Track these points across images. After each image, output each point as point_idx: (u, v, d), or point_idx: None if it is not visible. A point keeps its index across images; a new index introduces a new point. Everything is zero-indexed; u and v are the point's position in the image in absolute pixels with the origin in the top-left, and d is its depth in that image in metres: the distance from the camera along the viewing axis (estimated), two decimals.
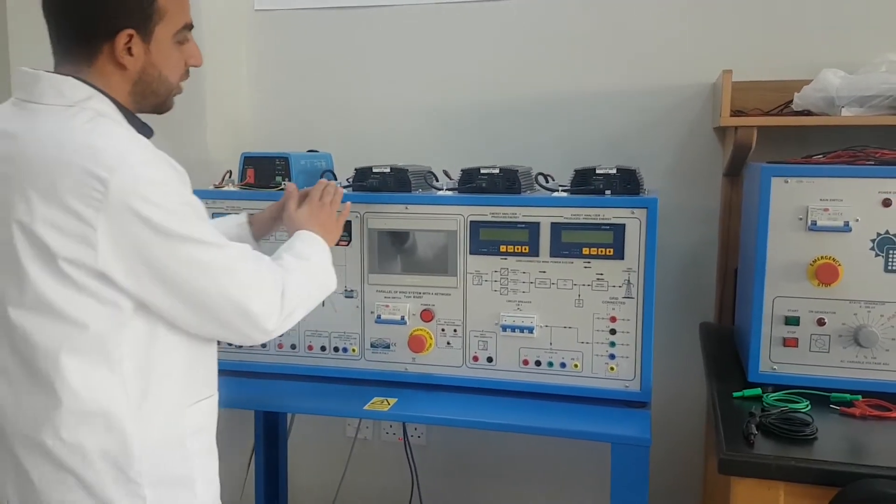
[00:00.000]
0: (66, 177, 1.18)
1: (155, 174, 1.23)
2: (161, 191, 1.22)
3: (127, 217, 1.19)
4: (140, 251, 1.21)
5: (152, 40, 1.32)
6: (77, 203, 1.18)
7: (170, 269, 1.23)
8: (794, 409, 1.54)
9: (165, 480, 1.30)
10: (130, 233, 1.20)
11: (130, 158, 1.21)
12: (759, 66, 2.13)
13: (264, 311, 1.32)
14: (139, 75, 1.33)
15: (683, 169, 2.30)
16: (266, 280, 1.34)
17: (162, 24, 1.32)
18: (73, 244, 1.19)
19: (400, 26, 2.44)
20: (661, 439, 2.26)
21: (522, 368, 1.83)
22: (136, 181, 1.19)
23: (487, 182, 1.83)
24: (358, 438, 2.58)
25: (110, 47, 1.29)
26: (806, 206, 1.62)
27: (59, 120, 1.25)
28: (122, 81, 1.32)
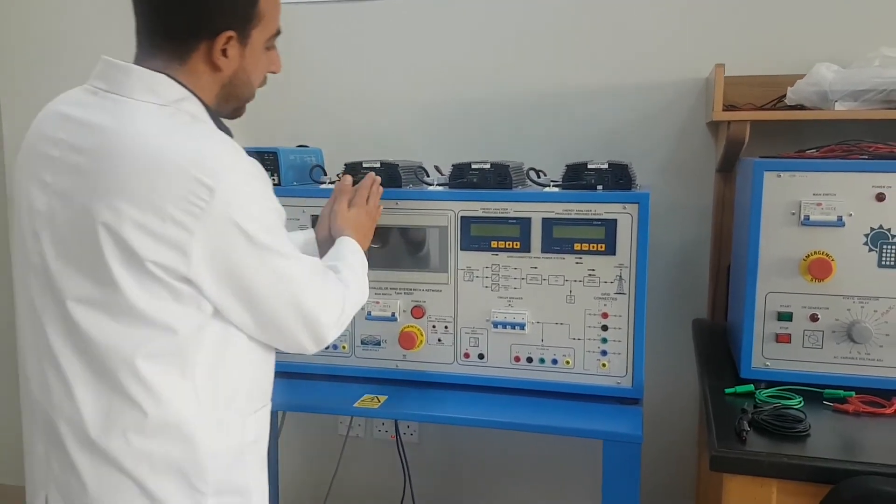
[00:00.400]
0: (167, 181, 1.14)
1: (256, 185, 1.22)
2: (260, 202, 1.22)
3: (226, 226, 1.16)
4: (230, 260, 1.19)
5: (248, 44, 1.30)
6: (175, 209, 1.14)
7: (254, 278, 1.22)
8: (786, 405, 1.53)
9: (227, 490, 1.27)
10: (226, 242, 1.18)
11: (236, 167, 1.19)
12: (753, 61, 2.11)
13: (329, 325, 1.34)
14: (230, 78, 1.30)
15: (676, 165, 2.29)
16: (333, 295, 1.36)
17: (259, 27, 1.30)
18: (164, 249, 1.15)
19: (391, 20, 2.42)
20: (655, 436, 2.26)
21: (514, 365, 1.82)
22: (240, 191, 1.18)
23: (478, 177, 1.82)
24: (350, 436, 2.56)
25: (207, 47, 1.26)
26: (799, 201, 1.61)
27: (157, 119, 1.20)
28: (211, 83, 1.29)
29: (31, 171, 1.25)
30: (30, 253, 1.24)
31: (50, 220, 1.21)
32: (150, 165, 1.15)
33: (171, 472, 1.21)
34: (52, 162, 1.21)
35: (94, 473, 1.20)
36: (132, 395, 1.18)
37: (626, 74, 2.28)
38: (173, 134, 1.19)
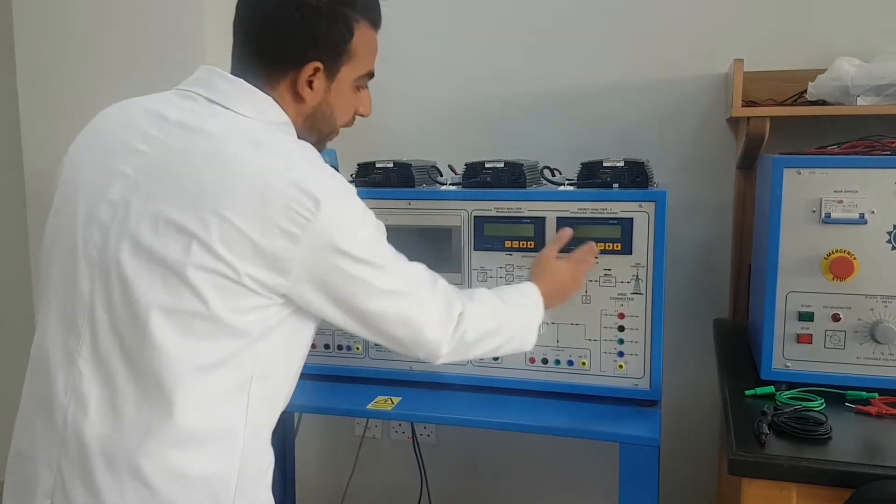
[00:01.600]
0: (277, 193, 1.12)
1: (356, 203, 1.23)
2: (357, 220, 1.22)
3: (327, 240, 1.16)
4: (331, 273, 1.19)
5: (335, 79, 1.31)
6: (284, 221, 1.12)
7: (354, 291, 1.22)
8: (807, 407, 1.50)
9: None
10: (326, 256, 1.17)
11: (339, 185, 1.20)
12: (773, 56, 2.08)
13: (436, 337, 1.32)
14: (313, 110, 1.31)
15: (696, 162, 2.25)
16: (439, 305, 1.34)
17: (349, 65, 1.32)
18: (263, 262, 1.13)
19: (404, 19, 2.41)
20: (674, 439, 2.23)
21: (529, 366, 1.79)
22: (341, 208, 1.18)
23: (492, 176, 1.80)
24: (367, 437, 2.55)
25: (294, 76, 1.27)
26: (820, 199, 1.57)
27: (267, 135, 1.20)
28: (296, 113, 1.30)
29: (103, 158, 1.21)
30: (83, 243, 1.17)
31: (123, 214, 1.15)
32: (258, 177, 1.13)
33: (203, 493, 1.15)
34: (138, 156, 1.18)
35: (116, 491, 1.11)
36: (180, 409, 1.12)
37: (643, 70, 2.25)
38: (281, 149, 1.19)
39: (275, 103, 1.26)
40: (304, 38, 1.26)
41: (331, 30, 1.28)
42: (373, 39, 1.37)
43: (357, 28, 1.31)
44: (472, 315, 1.37)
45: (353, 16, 1.31)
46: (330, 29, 1.28)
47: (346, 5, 1.29)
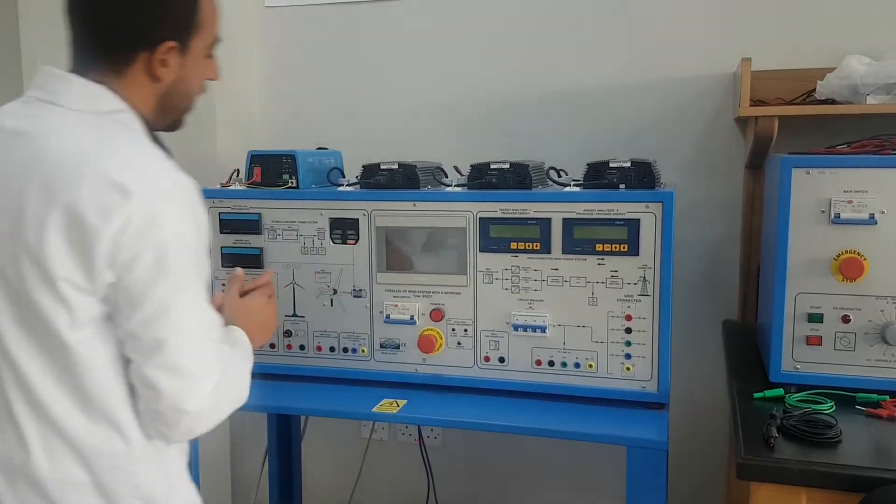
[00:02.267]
0: (87, 184, 1.10)
1: (176, 204, 1.15)
2: (177, 221, 1.15)
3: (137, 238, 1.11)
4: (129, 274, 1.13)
5: (188, 53, 1.27)
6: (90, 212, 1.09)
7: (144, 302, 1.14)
8: (817, 410, 1.48)
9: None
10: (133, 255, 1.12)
11: (159, 180, 1.15)
12: (782, 55, 2.06)
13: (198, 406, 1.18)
14: (168, 89, 1.27)
15: (704, 161, 2.23)
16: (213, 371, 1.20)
17: (199, 36, 1.28)
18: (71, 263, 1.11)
19: (410, 20, 2.40)
20: (683, 442, 2.21)
21: (535, 369, 1.78)
22: (158, 205, 1.12)
23: (497, 177, 1.78)
24: (373, 439, 2.54)
25: (147, 58, 1.23)
26: (829, 199, 1.55)
27: (87, 128, 1.18)
28: (149, 95, 1.26)
29: None
30: None
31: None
32: (69, 171, 1.11)
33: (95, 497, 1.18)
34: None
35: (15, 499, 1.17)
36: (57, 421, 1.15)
37: (650, 70, 2.23)
38: (101, 141, 1.16)
39: (107, 92, 1.21)
40: (151, 20, 1.22)
41: (178, 6, 1.25)
42: (214, 3, 1.32)
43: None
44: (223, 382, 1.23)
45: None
46: (177, 6, 1.25)
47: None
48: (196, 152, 2.36)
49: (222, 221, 1.92)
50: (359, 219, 1.83)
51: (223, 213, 1.91)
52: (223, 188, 1.94)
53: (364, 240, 1.84)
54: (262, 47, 2.54)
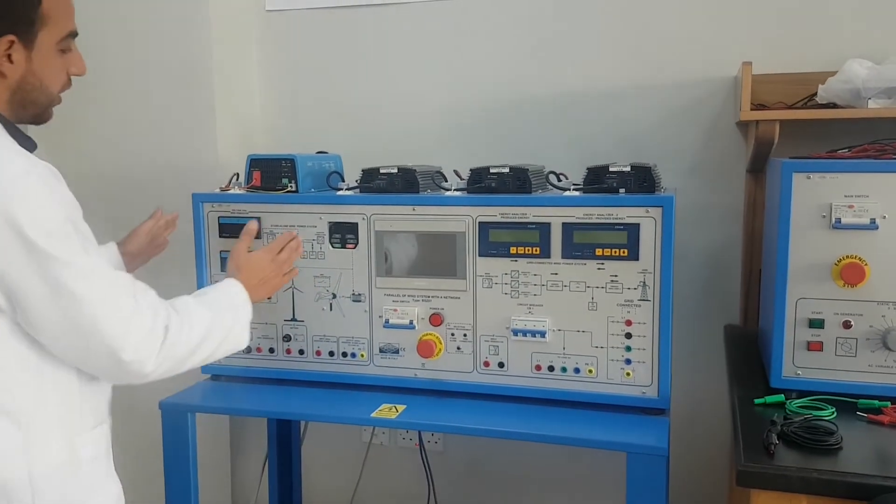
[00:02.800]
0: None
1: (33, 187, 1.17)
2: (40, 205, 1.16)
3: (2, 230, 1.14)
4: (11, 268, 1.15)
5: (34, 47, 1.28)
6: None
7: (29, 289, 1.16)
8: (818, 416, 1.47)
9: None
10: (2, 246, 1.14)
11: (10, 169, 1.16)
12: (783, 58, 2.05)
13: (137, 351, 1.23)
14: (18, 84, 1.28)
15: (705, 166, 2.22)
16: (144, 319, 1.25)
17: (45, 30, 1.28)
18: None
19: (411, 25, 2.39)
20: (684, 448, 2.20)
21: (535, 374, 1.77)
22: (12, 193, 1.14)
23: (497, 182, 1.78)
24: (373, 444, 2.53)
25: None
26: (830, 203, 1.54)
27: None
28: (0, 90, 1.28)
29: None
30: None
31: None
32: None
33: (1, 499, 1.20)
34: None
35: None
36: None
37: (651, 74, 2.22)
38: None
39: None
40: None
41: (14, 1, 1.24)
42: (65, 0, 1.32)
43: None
44: (178, 328, 1.30)
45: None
46: (13, 1, 1.24)
47: None
48: (196, 156, 2.36)
49: (221, 225, 1.92)
50: (358, 223, 1.83)
51: (222, 216, 1.91)
52: (223, 192, 1.94)
53: (363, 244, 1.83)
54: (262, 51, 2.54)
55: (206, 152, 2.36)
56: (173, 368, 1.32)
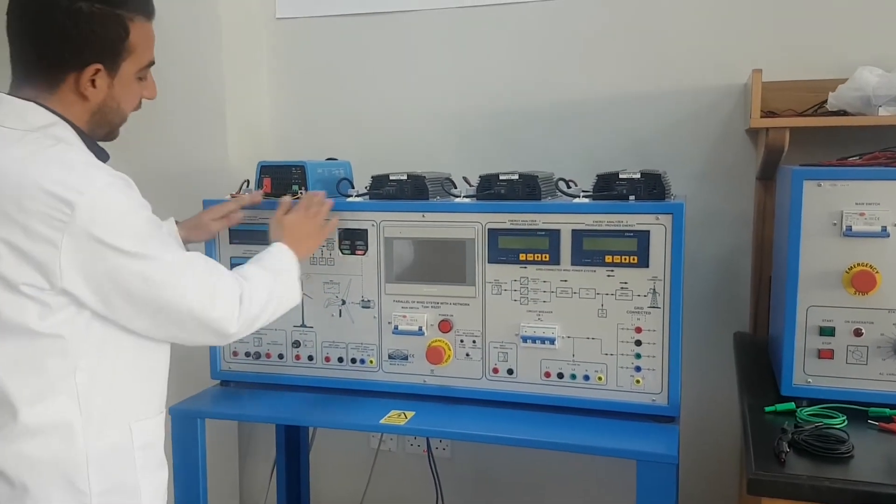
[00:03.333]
0: (31, 200, 1.22)
1: (117, 197, 1.28)
2: (120, 214, 1.28)
3: (89, 239, 1.24)
4: (102, 270, 1.26)
5: (117, 75, 1.37)
6: (41, 226, 1.22)
7: (130, 284, 1.29)
8: (829, 424, 1.46)
9: (112, 490, 1.34)
10: (92, 253, 1.25)
11: (95, 183, 1.25)
12: (793, 65, 2.05)
13: (223, 317, 1.39)
14: (99, 106, 1.37)
15: (715, 173, 2.22)
16: (221, 288, 1.40)
17: (129, 60, 1.37)
18: (31, 268, 1.24)
19: (420, 32, 2.40)
20: (694, 456, 2.19)
21: (544, 381, 1.77)
22: (99, 205, 1.24)
23: (506, 188, 1.78)
24: (382, 450, 2.53)
25: (76, 78, 1.33)
26: (840, 211, 1.54)
27: (19, 144, 1.28)
28: (81, 110, 1.36)
29: None
30: None
31: None
32: (12, 187, 1.23)
33: (54, 475, 1.29)
34: None
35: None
36: (13, 402, 1.27)
37: (661, 81, 2.22)
38: (34, 155, 1.26)
39: (37, 108, 1.31)
40: (80, 43, 1.31)
41: (106, 32, 1.32)
42: (149, 31, 1.41)
43: (132, 25, 1.36)
44: (250, 294, 1.44)
45: (127, 15, 1.35)
46: (105, 32, 1.32)
47: (118, 6, 1.34)
48: (207, 163, 2.37)
49: (232, 231, 1.93)
50: (367, 229, 1.83)
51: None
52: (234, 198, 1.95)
53: (373, 250, 1.84)
54: (272, 58, 2.55)
55: (217, 159, 2.37)
56: (249, 327, 1.46)
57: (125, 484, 1.37)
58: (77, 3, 1.29)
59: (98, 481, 1.32)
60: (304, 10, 2.51)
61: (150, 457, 1.42)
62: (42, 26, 1.30)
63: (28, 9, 1.32)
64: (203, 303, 1.36)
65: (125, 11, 1.34)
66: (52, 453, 1.29)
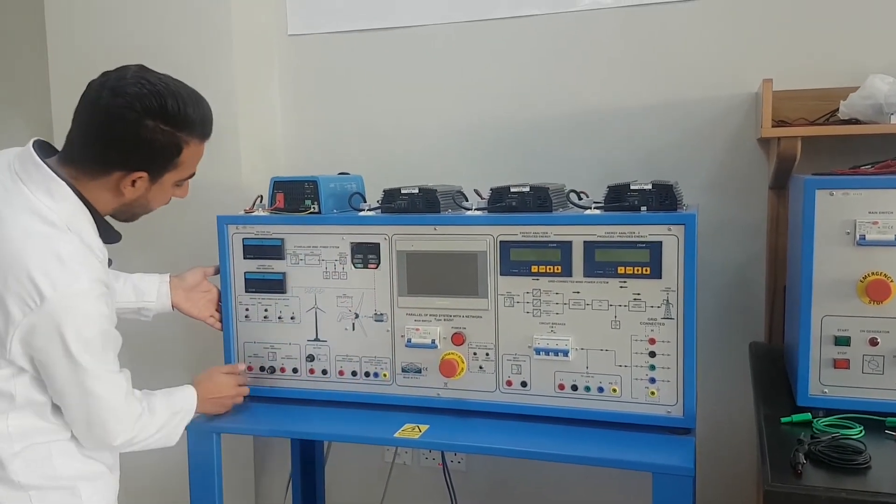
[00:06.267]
0: (15, 280, 1.34)
1: (83, 305, 1.39)
2: (81, 319, 1.39)
3: (47, 330, 1.37)
4: (43, 358, 1.41)
5: (158, 182, 1.47)
6: (13, 305, 1.35)
7: (60, 380, 1.44)
8: (846, 435, 1.45)
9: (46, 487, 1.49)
10: (45, 345, 1.39)
11: (72, 286, 1.37)
12: (804, 74, 2.04)
13: (117, 437, 1.53)
14: (130, 203, 1.49)
15: (728, 182, 2.21)
16: (130, 416, 1.54)
17: (173, 172, 1.48)
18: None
19: (432, 46, 2.42)
20: (710, 467, 2.17)
21: (558, 393, 1.77)
22: (66, 304, 1.36)
23: (518, 201, 1.78)
24: (397, 464, 2.53)
25: (119, 177, 1.44)
26: (854, 220, 1.53)
27: (30, 221, 1.39)
28: (111, 201, 1.49)
29: None
30: None
31: None
32: (8, 261, 1.35)
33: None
34: None
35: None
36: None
37: (673, 91, 2.22)
38: (37, 238, 1.37)
39: (65, 190, 1.42)
40: (134, 152, 1.42)
41: (160, 149, 1.42)
42: (200, 150, 1.52)
43: (187, 146, 1.46)
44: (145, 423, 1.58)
45: (186, 137, 1.44)
46: (162, 148, 1.42)
47: (181, 129, 1.43)
48: (220, 179, 2.39)
49: (246, 247, 1.93)
50: (380, 243, 1.84)
51: (246, 238, 1.93)
52: (247, 214, 1.96)
53: (385, 264, 1.84)
54: (284, 74, 2.57)
55: (230, 175, 2.39)
56: (130, 447, 1.60)
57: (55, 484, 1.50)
58: (144, 120, 1.39)
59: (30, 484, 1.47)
60: (315, 26, 2.53)
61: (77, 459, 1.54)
62: (106, 128, 1.40)
63: (98, 107, 1.40)
64: (110, 423, 1.50)
65: (186, 134, 1.43)
66: None
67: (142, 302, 1.85)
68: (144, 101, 1.39)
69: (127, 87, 1.39)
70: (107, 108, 1.39)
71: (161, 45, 2.36)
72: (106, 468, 1.59)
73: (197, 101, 1.48)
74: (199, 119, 1.47)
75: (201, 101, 1.50)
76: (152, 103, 1.39)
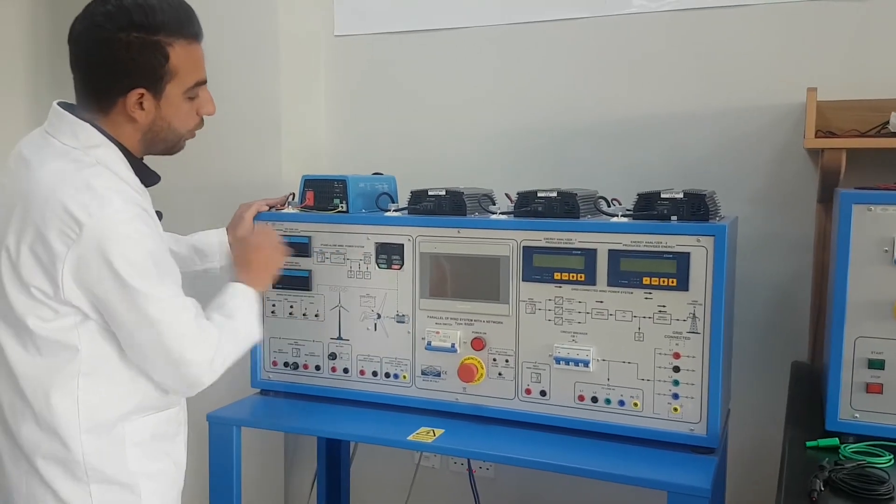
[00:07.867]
0: (52, 214, 1.33)
1: (132, 226, 1.36)
2: (132, 243, 1.36)
3: (93, 257, 1.33)
4: (98, 292, 1.36)
5: (163, 97, 1.44)
6: (55, 239, 1.33)
7: (122, 315, 1.37)
8: (872, 463, 1.37)
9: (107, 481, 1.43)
10: (93, 274, 1.34)
11: (106, 209, 1.34)
12: (855, 85, 1.95)
13: (200, 370, 1.44)
14: (149, 127, 1.46)
15: (773, 194, 2.13)
16: (205, 341, 1.45)
17: (173, 83, 1.44)
18: (42, 274, 1.34)
19: (471, 48, 2.40)
20: (741, 490, 2.09)
21: (577, 404, 1.73)
22: (105, 229, 1.33)
23: (544, 206, 1.75)
24: (424, 466, 2.51)
25: (123, 102, 1.42)
26: (892, 237, 1.45)
27: (64, 161, 1.39)
28: (133, 131, 1.46)
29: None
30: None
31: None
32: (42, 199, 1.34)
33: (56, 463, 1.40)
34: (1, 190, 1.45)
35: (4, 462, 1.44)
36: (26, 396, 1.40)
37: (716, 100, 2.15)
38: (69, 173, 1.37)
39: (90, 128, 1.42)
40: (121, 71, 1.39)
41: (143, 59, 1.39)
42: (193, 53, 1.47)
43: (172, 50, 1.41)
44: (223, 346, 1.48)
45: (165, 41, 1.40)
46: (142, 58, 1.39)
47: (155, 33, 1.39)
48: (261, 177, 2.43)
49: None
50: (404, 244, 1.83)
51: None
52: (277, 211, 1.98)
53: (408, 265, 1.83)
54: (329, 74, 2.59)
55: (270, 174, 2.41)
56: (218, 375, 1.50)
57: (120, 479, 1.44)
58: (116, 34, 1.37)
59: (93, 473, 1.41)
60: (361, 27, 2.54)
61: (145, 453, 1.47)
62: (89, 57, 1.41)
63: (79, 40, 1.42)
64: (185, 353, 1.41)
65: (163, 37, 1.41)
66: (52, 447, 1.40)
67: (206, 264, 1.86)
68: (112, 17, 1.38)
69: (95, 12, 1.40)
70: (83, 39, 1.41)
71: (206, 46, 2.40)
72: (172, 463, 1.53)
73: (168, 2, 1.43)
74: (172, 19, 1.42)
75: (173, 1, 1.45)
76: (120, 16, 1.38)
